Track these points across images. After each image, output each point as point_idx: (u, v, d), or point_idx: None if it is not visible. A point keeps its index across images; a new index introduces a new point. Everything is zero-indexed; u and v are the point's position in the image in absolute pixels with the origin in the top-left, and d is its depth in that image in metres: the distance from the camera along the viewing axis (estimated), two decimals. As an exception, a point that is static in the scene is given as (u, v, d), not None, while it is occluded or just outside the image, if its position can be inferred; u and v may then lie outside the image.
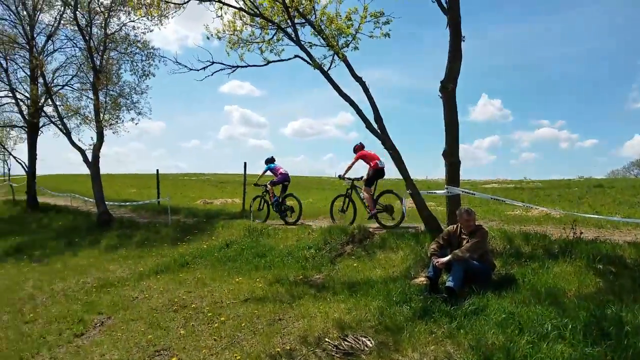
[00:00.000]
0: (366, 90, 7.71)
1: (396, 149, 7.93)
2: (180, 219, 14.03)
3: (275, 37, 7.91)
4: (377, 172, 9.53)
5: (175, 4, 7.46)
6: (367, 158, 9.63)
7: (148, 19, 13.21)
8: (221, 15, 7.68)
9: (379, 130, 7.79)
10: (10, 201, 21.73)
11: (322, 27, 7.62)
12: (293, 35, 7.50)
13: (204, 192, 24.26)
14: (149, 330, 5.83)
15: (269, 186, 11.83)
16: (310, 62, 7.52)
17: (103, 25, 14.51)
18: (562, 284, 5.41)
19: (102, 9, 14.22)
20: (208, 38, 7.92)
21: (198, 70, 7.74)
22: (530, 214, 10.77)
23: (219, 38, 8.08)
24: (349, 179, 10.16)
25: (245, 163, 15.19)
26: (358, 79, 7.65)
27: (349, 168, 9.92)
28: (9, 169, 26.53)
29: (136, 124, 16.32)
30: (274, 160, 12.19)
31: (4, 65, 17.56)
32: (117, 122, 15.39)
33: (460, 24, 6.92)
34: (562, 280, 5.53)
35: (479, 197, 9.03)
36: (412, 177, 8.19)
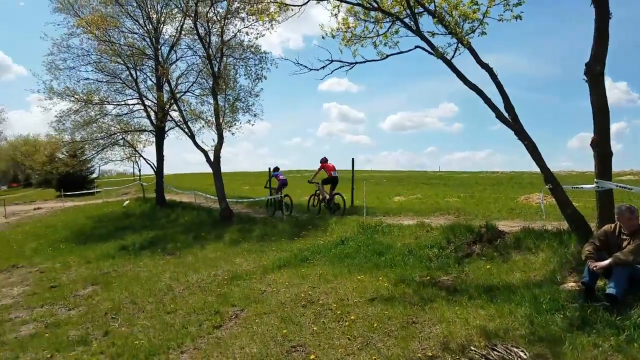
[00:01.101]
0: (494, 77, 7.13)
1: (530, 140, 7.24)
2: (293, 215, 14.44)
3: (391, 30, 7.68)
4: (331, 179, 13.89)
5: (295, 6, 7.56)
6: (326, 169, 13.92)
7: (263, 23, 13.80)
8: (336, 13, 7.65)
9: (510, 120, 7.17)
10: (141, 198, 24.09)
11: (443, 14, 7.19)
12: (413, 26, 7.19)
13: (309, 188, 24.73)
14: (282, 325, 5.95)
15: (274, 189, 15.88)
16: (432, 52, 7.15)
17: (220, 32, 15.37)
18: None
19: (219, 18, 15.07)
20: (323, 37, 7.90)
21: (318, 69, 7.80)
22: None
23: (333, 36, 8.03)
24: (317, 183, 14.50)
25: (353, 159, 15.19)
26: (484, 66, 7.11)
27: (315, 175, 14.57)
28: (140, 170, 29.45)
29: (252, 125, 17.25)
30: (278, 169, 16.29)
31: (134, 75, 19.44)
32: (234, 124, 16.39)
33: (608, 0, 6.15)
34: None
35: (636, 192, 7.91)
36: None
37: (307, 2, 7.70)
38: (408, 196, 16.77)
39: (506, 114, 7.30)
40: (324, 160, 14.11)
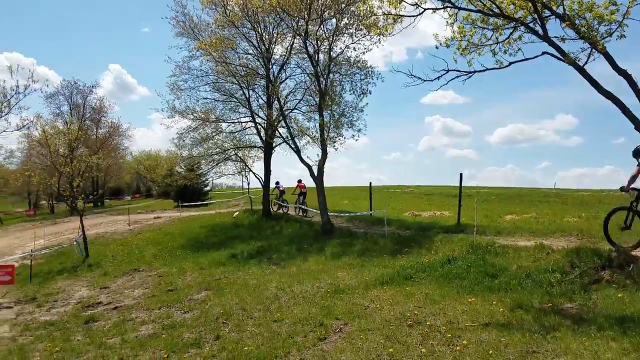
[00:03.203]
0: (633, 85, 6.37)
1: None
2: (394, 231, 14.14)
3: (512, 36, 7.24)
4: (302, 193, 20.53)
5: (410, 16, 7.48)
6: (300, 187, 20.45)
7: (371, 38, 13.92)
8: (452, 22, 7.41)
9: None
10: (249, 210, 25.34)
11: (574, 16, 6.59)
12: (540, 31, 6.69)
13: (409, 203, 24.15)
14: (388, 344, 5.77)
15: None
16: (563, 58, 6.58)
17: (328, 50, 15.79)
18: None
19: (328, 35, 15.50)
20: (437, 47, 7.70)
21: (432, 80, 7.59)
22: None
23: (447, 46, 7.79)
24: (296, 194, 20.89)
25: (461, 175, 14.57)
26: (622, 72, 6.38)
27: (294, 190, 20.92)
28: (249, 183, 31.16)
29: (356, 140, 17.35)
30: (278, 182, 22.55)
31: (247, 94, 20.50)
32: (338, 139, 16.62)
33: None
34: None
35: None
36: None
37: (423, 12, 7.55)
38: (521, 215, 15.54)
39: (646, 125, 6.47)
40: (299, 181, 20.60)
